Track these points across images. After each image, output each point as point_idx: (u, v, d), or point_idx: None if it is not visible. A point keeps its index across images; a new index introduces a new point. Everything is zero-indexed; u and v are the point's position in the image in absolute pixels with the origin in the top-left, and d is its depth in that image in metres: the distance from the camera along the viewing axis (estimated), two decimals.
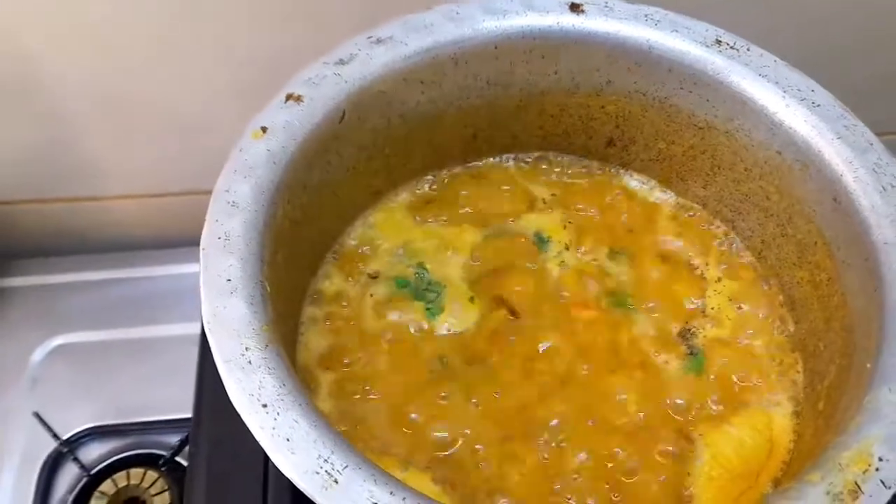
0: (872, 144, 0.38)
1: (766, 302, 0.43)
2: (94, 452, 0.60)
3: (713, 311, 0.43)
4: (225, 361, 0.31)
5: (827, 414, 0.37)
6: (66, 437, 0.59)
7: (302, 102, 0.39)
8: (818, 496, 0.29)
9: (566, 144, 0.48)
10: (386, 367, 0.40)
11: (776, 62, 0.41)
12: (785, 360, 0.41)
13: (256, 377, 0.31)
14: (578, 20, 0.43)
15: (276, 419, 0.30)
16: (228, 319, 0.32)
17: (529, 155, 0.49)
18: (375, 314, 0.42)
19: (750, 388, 0.40)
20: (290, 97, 0.39)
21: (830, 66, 0.57)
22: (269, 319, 0.33)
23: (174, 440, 0.59)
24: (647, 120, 0.45)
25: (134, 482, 0.58)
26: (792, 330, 0.42)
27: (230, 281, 0.33)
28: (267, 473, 0.45)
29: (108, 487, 0.58)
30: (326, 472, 0.29)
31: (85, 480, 0.58)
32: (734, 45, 0.41)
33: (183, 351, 0.61)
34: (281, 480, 0.44)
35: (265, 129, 0.38)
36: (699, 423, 0.39)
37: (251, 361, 0.31)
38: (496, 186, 0.48)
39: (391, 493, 0.28)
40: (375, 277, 0.44)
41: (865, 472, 0.29)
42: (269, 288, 0.34)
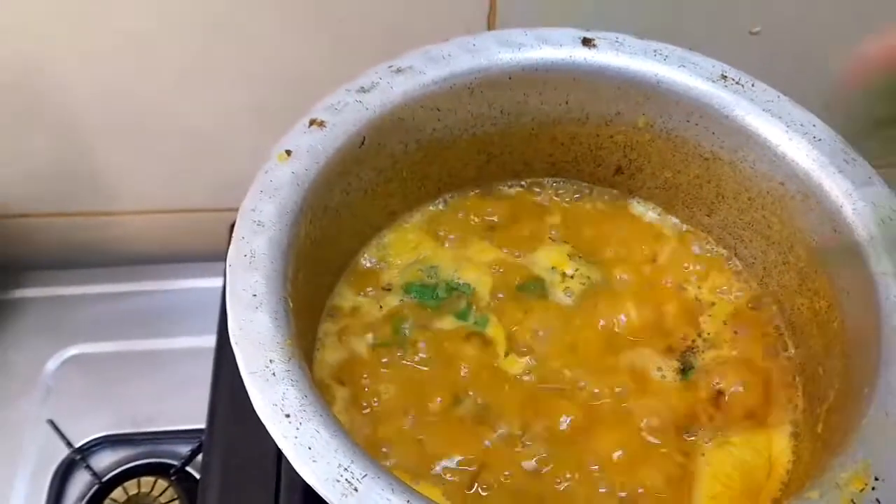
0: (871, 178, 0.40)
1: (765, 327, 0.44)
2: (106, 460, 0.61)
3: (710, 335, 0.44)
4: (250, 373, 0.33)
5: (825, 437, 0.38)
6: (79, 444, 0.60)
7: (325, 128, 0.41)
8: None
9: (576, 171, 0.50)
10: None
11: (779, 98, 0.43)
12: (785, 383, 0.43)
13: (280, 388, 0.32)
14: (590, 54, 0.44)
15: (298, 429, 0.31)
16: (253, 333, 0.34)
17: (540, 180, 0.50)
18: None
19: (750, 410, 0.42)
20: (313, 122, 0.41)
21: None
22: (291, 334, 0.34)
23: (185, 450, 0.60)
24: (654, 150, 0.47)
25: (144, 490, 0.59)
26: (792, 354, 0.44)
27: (255, 296, 0.35)
28: (279, 483, 0.47)
29: (118, 495, 0.59)
30: (346, 480, 0.30)
31: (96, 487, 0.59)
32: (739, 80, 0.43)
33: (193, 363, 0.62)
34: (293, 490, 0.45)
35: (290, 152, 0.39)
36: (700, 443, 0.40)
37: (275, 373, 0.33)
38: (507, 210, 0.49)
39: (408, 501, 0.30)
40: (389, 290, 0.45)
41: (862, 490, 0.31)
42: (291, 304, 0.36)
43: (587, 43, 0.45)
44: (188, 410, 0.59)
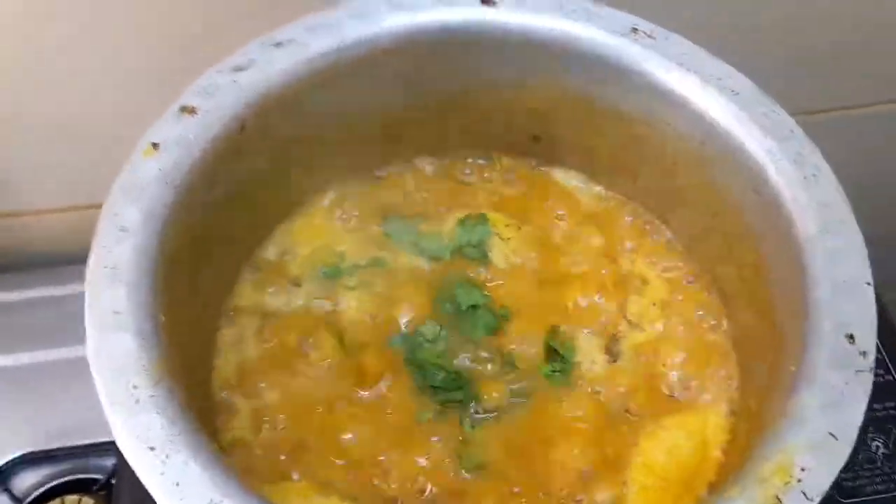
0: (793, 132, 0.37)
1: (697, 298, 0.42)
2: (26, 481, 0.57)
3: (642, 307, 0.41)
4: (111, 403, 0.29)
5: (758, 414, 0.35)
6: None
7: (197, 114, 0.37)
8: None
9: (492, 141, 0.47)
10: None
11: (694, 49, 0.39)
12: (718, 358, 0.40)
13: (144, 418, 0.29)
14: (490, 13, 0.41)
15: (164, 462, 0.28)
16: (115, 356, 0.30)
17: (454, 154, 0.47)
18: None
19: (682, 388, 0.39)
20: (183, 109, 0.37)
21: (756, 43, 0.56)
22: (161, 353, 0.31)
23: (109, 463, 0.57)
24: (570, 114, 0.44)
25: None
26: (725, 326, 0.41)
27: (118, 314, 0.31)
28: None
29: None
30: None
31: None
32: (651, 33, 0.40)
33: None
34: None
35: (156, 145, 0.36)
36: (630, 431, 0.38)
37: (139, 401, 0.29)
38: (422, 188, 0.46)
39: None
40: (298, 286, 0.42)
41: (787, 483, 0.28)
42: (163, 318, 0.32)
43: (486, 1, 0.41)
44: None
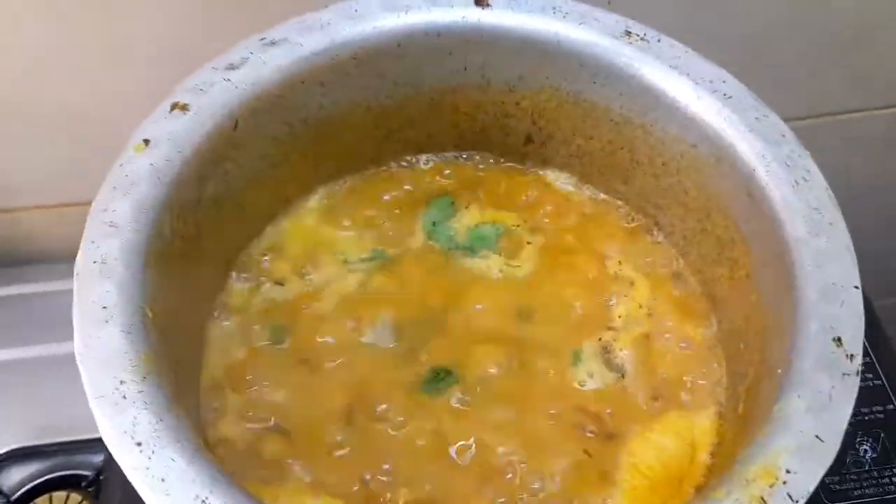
0: (785, 136, 0.37)
1: (686, 300, 0.42)
2: (14, 477, 0.57)
3: (631, 309, 0.41)
4: (97, 397, 0.29)
5: (745, 417, 0.35)
6: None
7: (188, 112, 0.37)
8: None
9: (484, 143, 0.47)
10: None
11: (687, 52, 0.39)
12: (707, 360, 0.40)
13: (131, 413, 0.29)
14: (484, 14, 0.41)
15: (150, 458, 0.28)
16: (102, 350, 0.30)
17: (446, 154, 0.47)
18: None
19: (670, 391, 0.39)
20: (175, 106, 0.37)
21: (754, 50, 0.56)
22: (149, 349, 0.31)
23: (98, 459, 0.57)
24: (563, 115, 0.44)
25: None
26: (714, 329, 0.41)
27: (105, 308, 0.31)
28: None
29: None
30: None
31: None
32: (644, 35, 0.40)
33: None
34: None
35: (148, 141, 0.36)
36: (619, 433, 0.38)
37: (125, 396, 0.29)
38: (413, 188, 0.46)
39: None
40: (282, 285, 0.42)
41: (772, 485, 0.28)
42: (150, 314, 0.32)
43: (480, 2, 0.41)
44: None
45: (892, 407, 0.46)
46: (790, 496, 0.28)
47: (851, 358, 0.31)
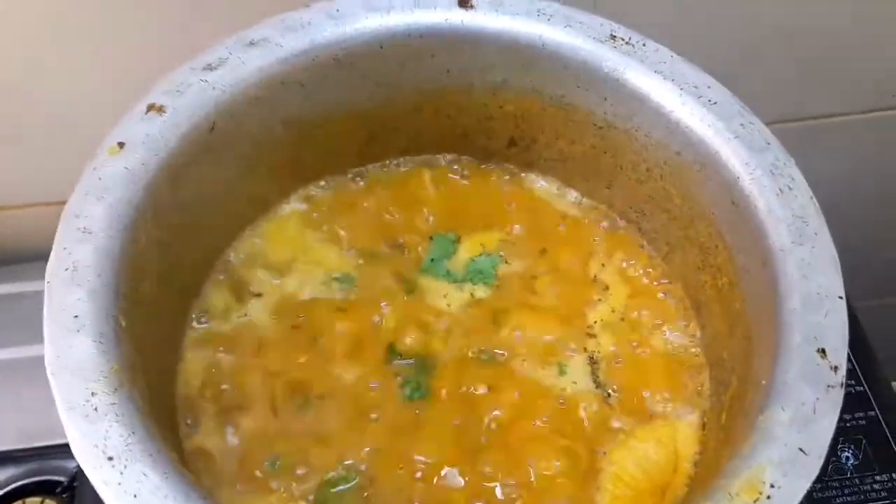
0: (770, 144, 0.36)
1: (669, 307, 0.41)
2: None
3: (610, 315, 0.41)
4: (68, 409, 0.28)
5: (728, 427, 0.35)
6: None
7: (164, 113, 0.36)
8: None
9: (467, 145, 0.46)
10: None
11: (672, 57, 0.39)
12: (690, 368, 0.40)
13: (102, 426, 0.28)
14: (467, 16, 0.40)
15: (122, 473, 0.27)
16: (73, 361, 0.29)
17: (426, 157, 0.46)
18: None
19: (653, 399, 0.39)
20: (151, 108, 0.36)
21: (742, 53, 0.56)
22: (121, 359, 0.30)
23: (73, 465, 0.56)
24: (546, 119, 0.43)
25: None
26: (698, 336, 0.41)
27: (77, 317, 0.30)
28: None
29: None
30: None
31: None
32: (629, 40, 0.39)
33: None
34: None
35: (122, 144, 0.35)
36: (602, 441, 0.37)
37: (97, 408, 0.28)
38: (392, 192, 0.45)
39: None
40: (260, 296, 0.41)
41: (756, 500, 0.28)
42: (124, 322, 0.31)
43: (464, 3, 0.40)
44: None
45: (873, 414, 0.46)
46: None
47: (836, 370, 0.30)
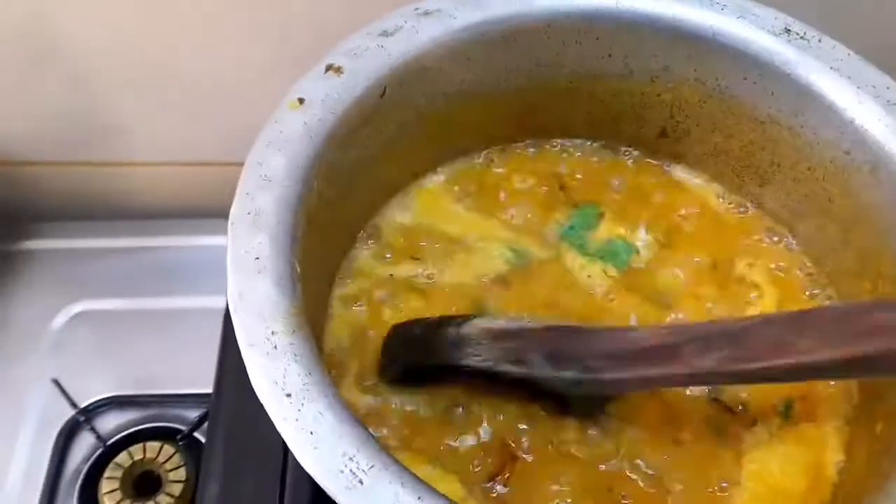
0: None
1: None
2: (111, 423, 0.58)
3: None
4: (249, 345, 0.29)
5: (885, 439, 0.34)
6: (83, 405, 0.58)
7: (342, 74, 0.37)
8: None
9: (616, 132, 0.46)
10: None
11: (850, 55, 0.38)
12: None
13: (281, 364, 0.29)
14: (638, 2, 0.40)
15: (300, 410, 0.28)
16: (255, 300, 0.30)
17: (575, 141, 0.46)
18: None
19: (799, 401, 0.38)
20: (329, 68, 0.37)
21: None
22: (297, 302, 0.31)
23: (193, 415, 0.58)
24: (704, 111, 0.43)
25: (150, 455, 0.57)
26: None
27: (258, 259, 0.31)
28: (287, 455, 0.44)
29: (123, 459, 0.56)
30: (351, 471, 0.27)
31: (101, 451, 0.57)
32: (804, 35, 0.39)
33: (206, 324, 0.59)
34: (301, 467, 0.42)
35: (302, 100, 0.36)
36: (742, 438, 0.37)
37: (277, 346, 0.29)
38: (538, 175, 0.45)
39: (419, 497, 0.27)
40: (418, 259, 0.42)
41: None
42: (299, 269, 0.32)
43: None
44: (198, 373, 0.56)
45: None
46: None
47: None
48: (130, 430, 0.58)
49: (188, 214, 0.66)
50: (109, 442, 0.57)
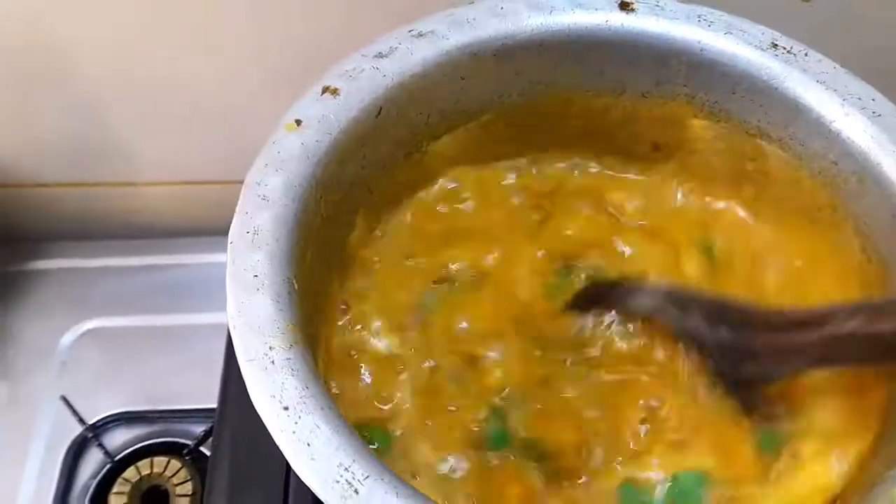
0: None
1: None
2: (119, 439, 0.59)
3: None
4: (248, 360, 0.30)
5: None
6: (91, 421, 0.59)
7: (338, 96, 0.38)
8: None
9: (609, 147, 0.47)
10: None
11: (836, 69, 0.39)
12: None
13: (279, 378, 0.30)
14: (628, 19, 0.41)
15: (297, 423, 0.29)
16: (253, 316, 0.31)
17: (567, 158, 0.47)
18: None
19: None
20: (326, 90, 0.38)
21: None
22: (295, 319, 0.32)
23: (200, 430, 0.59)
24: (695, 125, 0.43)
25: (157, 470, 0.58)
26: None
27: (257, 276, 0.32)
28: (289, 468, 0.44)
29: (131, 474, 0.57)
30: (347, 481, 0.28)
31: (109, 466, 0.58)
32: (791, 49, 0.39)
33: (212, 340, 0.59)
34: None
35: (299, 122, 0.37)
36: None
37: (274, 361, 0.30)
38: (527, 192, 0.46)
39: None
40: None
41: None
42: (297, 286, 0.33)
43: (625, 7, 0.41)
44: (204, 389, 0.57)
45: None
46: None
47: None
48: (138, 445, 0.59)
49: (192, 233, 0.68)
50: (118, 458, 0.58)
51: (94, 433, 0.58)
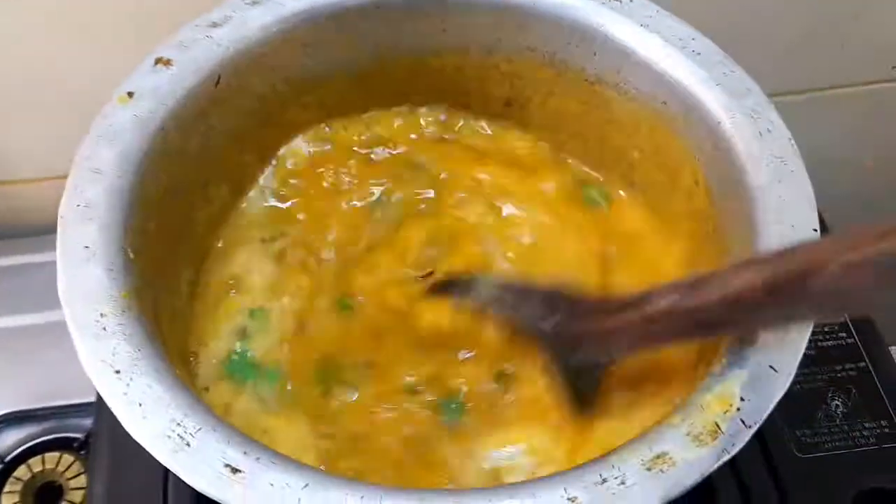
0: (750, 90, 0.38)
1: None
2: (9, 439, 0.58)
3: None
4: (78, 328, 0.30)
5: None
6: None
7: (172, 67, 0.38)
8: (678, 437, 0.29)
9: (465, 105, 0.48)
10: None
11: (658, 12, 0.41)
12: None
13: (111, 343, 0.30)
14: None
15: (129, 384, 0.29)
16: (84, 287, 0.31)
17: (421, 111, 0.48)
18: None
19: None
20: (159, 61, 0.38)
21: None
22: (131, 287, 0.32)
23: (88, 422, 0.58)
24: (540, 78, 0.45)
25: (49, 466, 0.57)
26: None
27: (88, 248, 0.32)
28: None
29: (22, 473, 0.56)
30: (179, 435, 0.28)
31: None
32: None
33: None
34: None
35: (132, 94, 0.37)
36: None
37: (106, 328, 0.30)
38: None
39: (244, 452, 0.28)
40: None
41: (726, 412, 0.29)
42: (132, 255, 0.33)
43: None
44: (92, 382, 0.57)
45: (863, 364, 0.47)
46: (743, 421, 0.29)
47: None
48: (29, 443, 0.58)
49: None
50: (8, 458, 0.57)
51: None
